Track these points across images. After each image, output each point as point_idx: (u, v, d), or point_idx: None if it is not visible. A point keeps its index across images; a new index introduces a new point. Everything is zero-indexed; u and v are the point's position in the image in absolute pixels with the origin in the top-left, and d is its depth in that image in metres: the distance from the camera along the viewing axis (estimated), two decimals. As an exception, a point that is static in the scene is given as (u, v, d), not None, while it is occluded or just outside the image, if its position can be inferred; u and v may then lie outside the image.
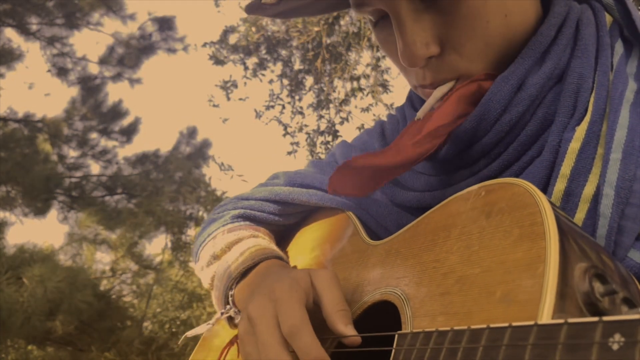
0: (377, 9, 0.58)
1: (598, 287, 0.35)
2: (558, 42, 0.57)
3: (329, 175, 0.77)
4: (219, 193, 6.73)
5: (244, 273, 0.70)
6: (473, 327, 0.36)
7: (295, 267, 0.76)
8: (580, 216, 0.50)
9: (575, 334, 0.28)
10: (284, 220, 0.81)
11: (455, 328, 0.38)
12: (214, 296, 0.75)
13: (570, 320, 0.29)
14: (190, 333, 0.78)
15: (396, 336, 0.45)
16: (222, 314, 0.70)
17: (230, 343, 0.71)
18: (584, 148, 0.51)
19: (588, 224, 0.49)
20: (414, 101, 0.73)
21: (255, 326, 0.53)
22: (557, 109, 0.55)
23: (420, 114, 0.59)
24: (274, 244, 0.77)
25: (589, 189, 0.50)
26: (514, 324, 0.33)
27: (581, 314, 0.34)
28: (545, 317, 0.33)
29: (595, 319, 0.28)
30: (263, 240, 0.75)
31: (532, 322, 0.32)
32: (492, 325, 0.34)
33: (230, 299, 0.70)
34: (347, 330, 0.51)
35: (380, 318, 0.55)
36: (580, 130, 0.52)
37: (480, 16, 0.54)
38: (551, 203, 0.41)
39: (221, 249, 0.75)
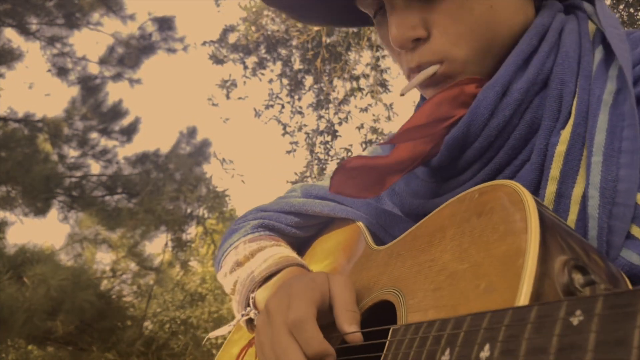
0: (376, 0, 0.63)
1: (578, 278, 0.37)
2: (540, 49, 0.60)
3: None
4: (220, 189, 6.76)
5: (267, 278, 0.74)
6: (457, 316, 0.38)
7: None
8: (572, 217, 0.52)
9: (543, 314, 0.30)
10: (300, 232, 0.85)
11: (442, 318, 0.40)
12: (234, 300, 0.78)
13: (540, 303, 0.32)
14: (212, 334, 0.82)
15: (391, 329, 0.48)
16: (242, 315, 0.74)
17: (249, 344, 0.75)
18: (570, 150, 0.54)
19: (580, 225, 0.52)
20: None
21: (271, 317, 0.58)
22: (543, 113, 0.58)
23: (403, 90, 0.63)
24: (295, 253, 0.81)
25: (577, 191, 0.53)
26: (493, 310, 0.35)
27: None
28: (522, 302, 0.35)
29: (562, 299, 0.30)
30: (286, 249, 0.79)
31: (509, 308, 0.34)
32: (473, 313, 0.37)
33: (251, 300, 0.74)
34: (351, 329, 0.54)
35: (383, 316, 0.58)
36: (565, 134, 0.55)
37: (466, 4, 0.58)
38: (537, 202, 0.43)
39: (244, 256, 0.79)
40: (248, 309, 0.74)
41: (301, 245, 0.88)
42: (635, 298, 0.25)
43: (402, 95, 0.64)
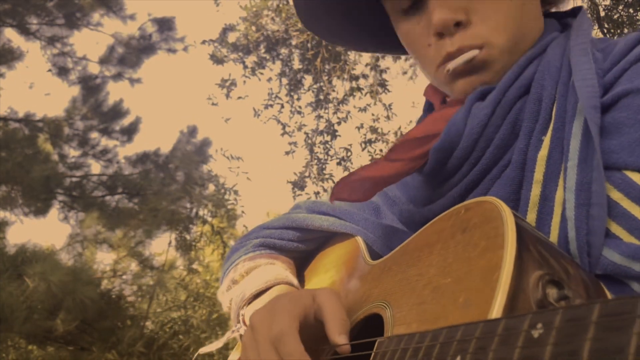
0: None
1: (552, 293, 0.38)
2: (519, 59, 0.65)
3: (344, 204, 0.86)
4: (228, 185, 6.76)
5: (257, 295, 0.77)
6: (435, 329, 0.40)
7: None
8: (556, 220, 0.54)
9: (509, 327, 0.32)
10: (303, 246, 0.87)
11: (422, 331, 0.41)
12: (231, 318, 0.81)
13: (508, 315, 0.33)
14: (202, 350, 0.83)
15: (377, 341, 0.50)
16: (232, 332, 0.77)
17: None
18: (551, 154, 0.57)
19: (562, 227, 0.54)
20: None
21: (255, 332, 0.59)
22: (524, 116, 0.61)
23: (450, 65, 0.65)
24: (289, 271, 0.83)
25: (559, 194, 0.55)
26: (467, 322, 0.36)
27: None
28: (495, 315, 0.36)
29: (528, 312, 0.31)
30: (278, 268, 0.82)
31: (481, 320, 0.35)
32: (449, 326, 0.38)
33: (241, 317, 0.77)
34: (340, 339, 0.55)
35: (375, 329, 0.59)
36: (547, 139, 0.58)
37: None
38: (516, 216, 0.44)
39: (240, 274, 0.82)
40: (238, 325, 0.76)
41: (304, 259, 0.90)
42: (589, 311, 0.26)
43: (448, 70, 0.66)
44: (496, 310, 0.36)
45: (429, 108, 0.79)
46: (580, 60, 0.60)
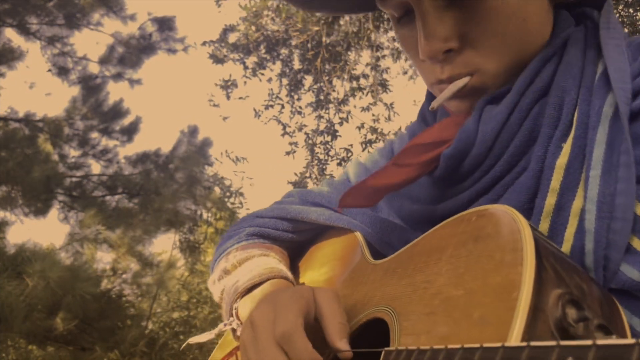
0: (402, 3, 0.61)
1: (572, 313, 0.37)
2: (535, 58, 0.60)
3: (340, 193, 0.82)
4: (234, 188, 6.76)
5: (250, 289, 0.74)
6: (450, 346, 0.38)
7: (303, 283, 0.80)
8: (571, 230, 0.52)
9: (534, 356, 0.30)
10: (297, 237, 0.85)
11: (434, 347, 0.40)
12: (222, 309, 0.78)
13: (533, 343, 0.31)
14: (192, 340, 0.81)
15: (383, 352, 0.48)
16: (225, 325, 0.74)
17: (230, 354, 0.75)
18: (571, 163, 0.53)
19: (578, 238, 0.51)
20: (426, 117, 0.77)
21: (256, 331, 0.56)
22: (542, 121, 0.58)
23: (434, 103, 0.62)
24: (283, 263, 0.81)
25: (577, 204, 0.52)
26: (485, 344, 0.35)
27: (552, 339, 0.35)
28: (514, 339, 0.35)
29: (554, 343, 0.30)
30: (272, 260, 0.79)
31: (499, 344, 0.34)
32: (465, 345, 0.37)
33: (234, 311, 0.74)
34: (341, 344, 0.54)
35: (376, 334, 0.58)
36: (567, 146, 0.54)
37: (501, 16, 0.57)
38: (533, 229, 0.43)
39: (232, 264, 0.79)
40: (231, 319, 0.74)
41: (298, 249, 0.88)
42: (627, 353, 0.25)
43: (432, 109, 0.63)
44: (515, 334, 0.35)
45: (425, 114, 0.77)
46: (616, 59, 0.56)
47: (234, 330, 0.74)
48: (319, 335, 0.56)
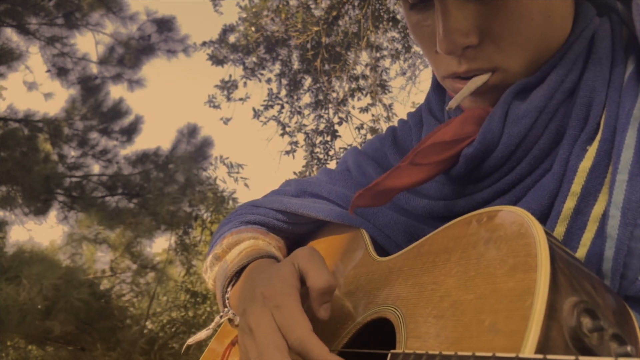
0: None
1: (587, 322, 0.36)
2: (566, 55, 0.58)
3: (339, 184, 0.81)
4: (227, 194, 6.75)
5: (238, 273, 0.71)
6: (460, 353, 0.37)
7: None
8: (589, 236, 0.50)
9: None
10: (296, 229, 0.82)
11: (443, 352, 0.39)
12: (216, 296, 0.75)
13: (549, 356, 0.31)
14: (191, 340, 0.79)
15: (389, 354, 0.46)
16: (220, 317, 0.71)
17: (232, 344, 0.72)
18: (595, 167, 0.51)
19: (596, 244, 0.50)
20: (432, 106, 0.73)
21: (257, 337, 0.52)
22: (568, 122, 0.55)
23: (452, 104, 0.59)
24: (273, 246, 0.78)
25: (598, 209, 0.50)
26: (497, 354, 0.34)
27: (567, 349, 0.35)
28: (529, 350, 0.34)
29: (572, 358, 0.29)
30: (261, 242, 0.76)
31: (514, 354, 0.33)
32: (477, 354, 0.36)
33: (227, 302, 0.71)
34: (322, 312, 0.54)
35: (380, 333, 0.56)
36: (592, 149, 0.52)
37: (526, 13, 0.54)
38: (547, 234, 0.41)
39: (222, 250, 0.76)
40: (225, 310, 0.70)
41: (295, 241, 0.85)
42: None
43: (449, 109, 0.60)
44: (530, 345, 0.34)
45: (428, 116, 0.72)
46: None
47: (231, 320, 0.70)
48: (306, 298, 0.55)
